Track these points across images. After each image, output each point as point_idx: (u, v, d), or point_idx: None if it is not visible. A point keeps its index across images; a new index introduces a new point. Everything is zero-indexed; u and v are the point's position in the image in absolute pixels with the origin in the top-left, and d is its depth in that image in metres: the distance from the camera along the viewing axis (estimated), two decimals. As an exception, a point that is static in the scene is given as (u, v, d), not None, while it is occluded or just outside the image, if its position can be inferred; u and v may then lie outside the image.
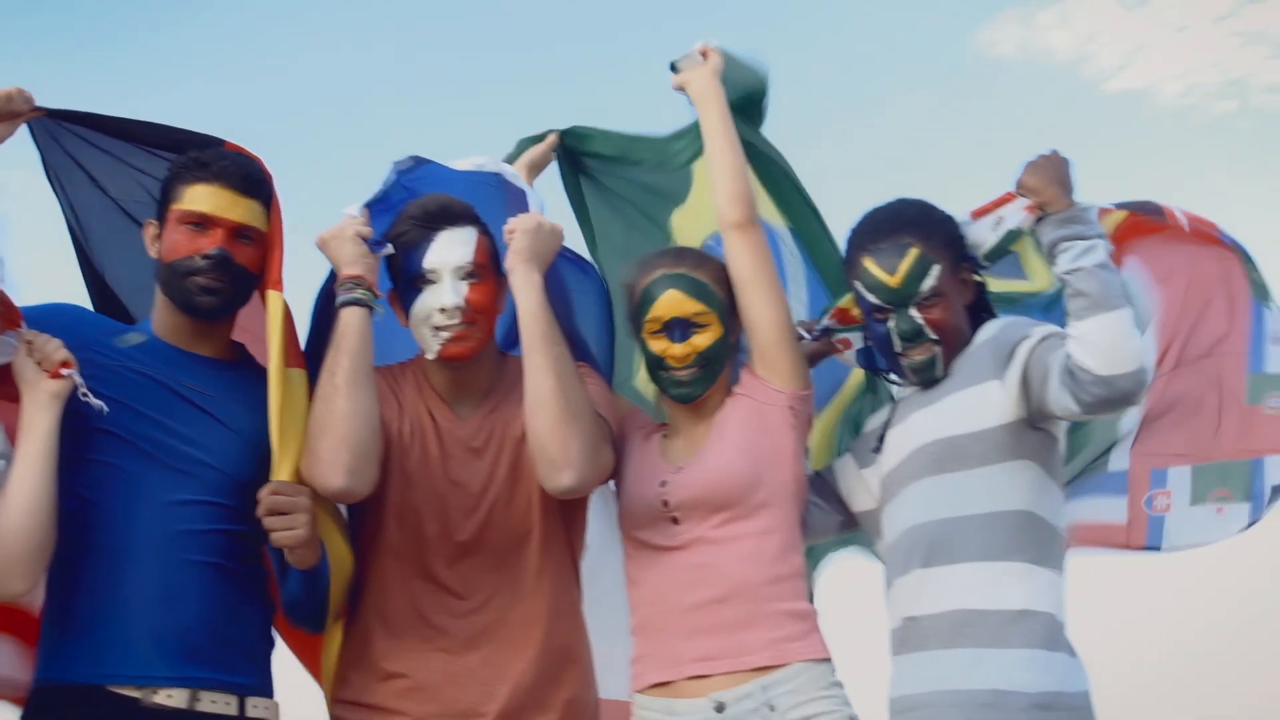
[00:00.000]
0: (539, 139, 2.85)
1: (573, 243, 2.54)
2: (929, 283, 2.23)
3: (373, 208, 2.40)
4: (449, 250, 2.32)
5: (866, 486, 2.38)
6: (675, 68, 2.59)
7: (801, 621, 2.24)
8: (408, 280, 2.35)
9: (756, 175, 2.59)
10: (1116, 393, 2.00)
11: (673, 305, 2.32)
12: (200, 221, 2.23)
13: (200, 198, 2.23)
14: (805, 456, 2.38)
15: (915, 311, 2.24)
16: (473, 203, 2.39)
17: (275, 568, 2.36)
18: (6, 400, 2.14)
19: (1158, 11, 8.36)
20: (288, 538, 2.14)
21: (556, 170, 2.92)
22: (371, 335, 2.25)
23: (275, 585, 2.35)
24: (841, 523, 2.46)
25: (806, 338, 2.48)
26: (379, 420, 2.24)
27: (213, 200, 2.23)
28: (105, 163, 2.47)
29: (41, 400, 2.07)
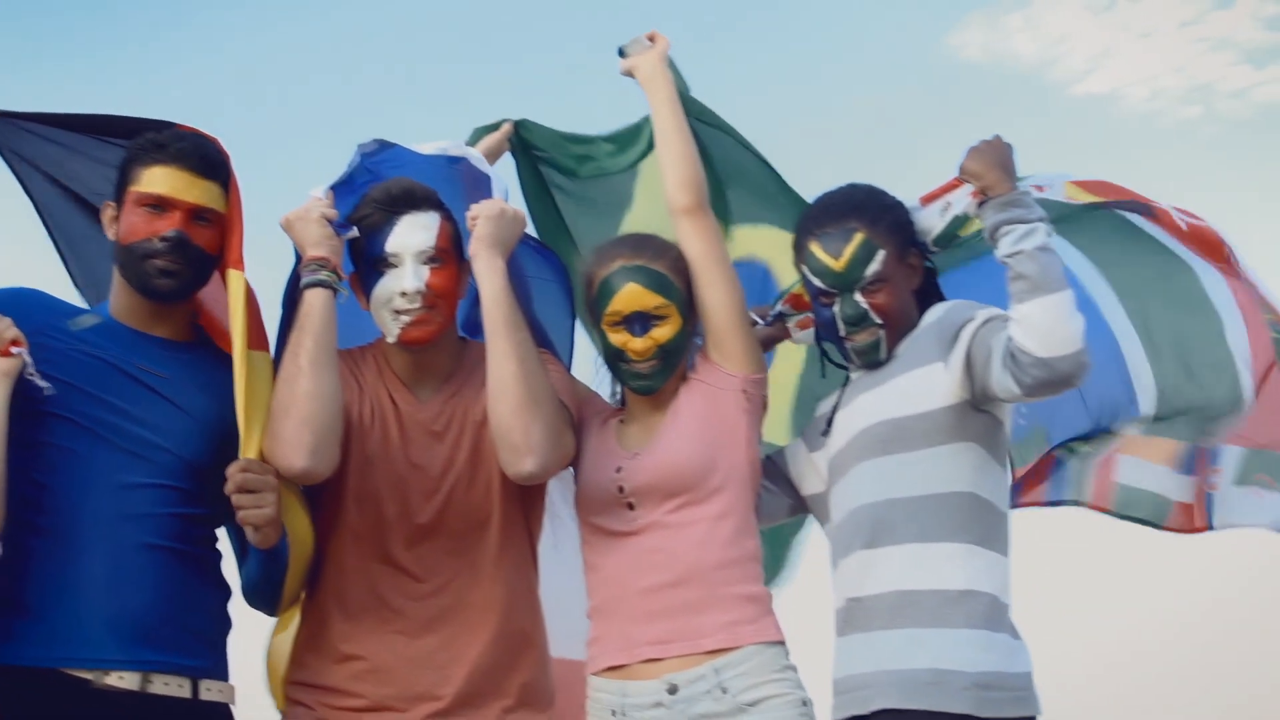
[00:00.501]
0: (494, 128, 2.86)
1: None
2: (874, 268, 2.26)
3: (337, 190, 2.40)
4: (411, 234, 2.32)
5: (816, 469, 2.40)
6: (623, 53, 2.59)
7: (755, 605, 2.26)
8: (369, 264, 2.35)
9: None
10: (1056, 375, 2.02)
11: (633, 299, 2.31)
12: (158, 203, 2.23)
13: (158, 179, 2.22)
14: (759, 440, 2.39)
15: (860, 296, 2.26)
16: (435, 187, 2.40)
17: (234, 549, 2.37)
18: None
19: (1124, 16, 8.44)
20: (256, 515, 2.13)
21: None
22: (335, 317, 2.26)
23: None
24: (791, 506, 2.48)
25: (760, 323, 2.50)
26: (342, 402, 2.24)
27: (170, 182, 2.22)
28: (59, 155, 2.47)
29: None
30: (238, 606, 2.33)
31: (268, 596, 2.32)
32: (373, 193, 2.37)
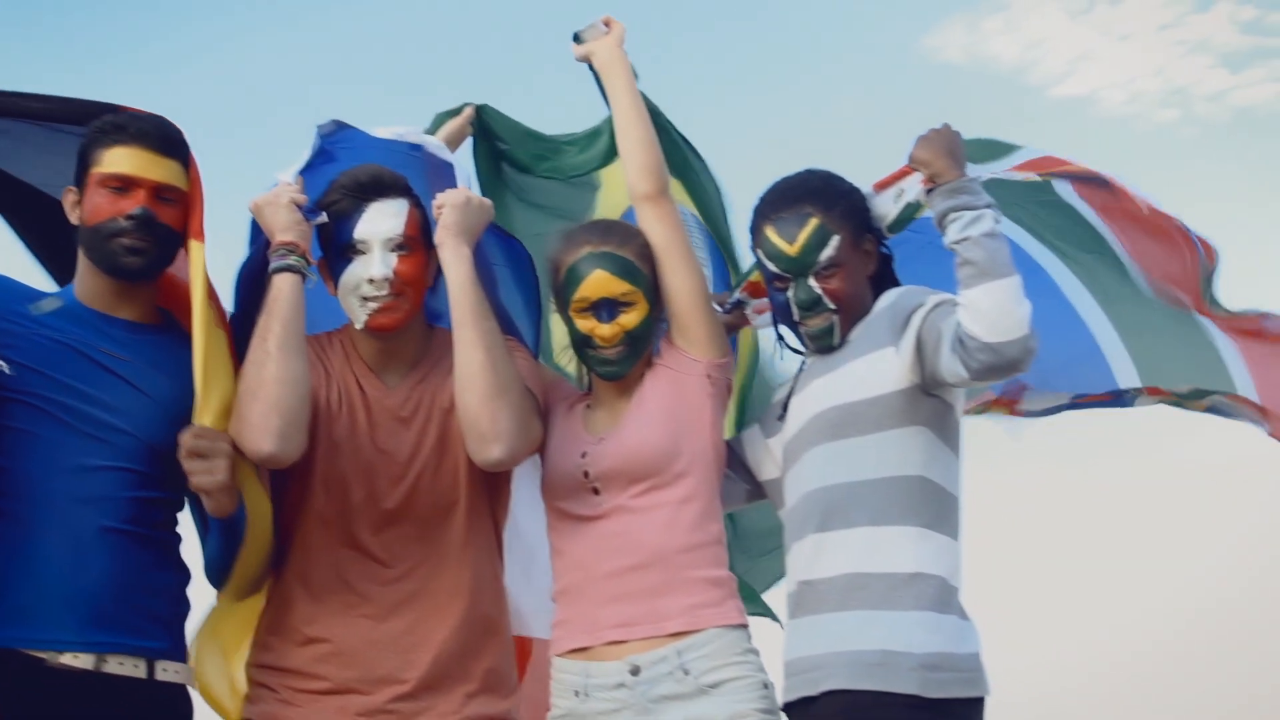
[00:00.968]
0: (456, 112, 2.86)
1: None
2: (827, 253, 2.27)
3: (304, 175, 2.41)
4: (379, 221, 2.33)
5: (772, 455, 2.42)
6: (579, 38, 2.57)
7: (718, 588, 2.27)
8: (337, 250, 2.36)
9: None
10: (1003, 359, 2.04)
11: (600, 286, 2.32)
12: (121, 183, 2.23)
13: (120, 159, 2.22)
14: (723, 424, 2.40)
15: (814, 281, 2.27)
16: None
17: (197, 528, 2.37)
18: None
19: (1103, 19, 8.45)
20: (207, 481, 2.13)
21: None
22: (304, 302, 2.26)
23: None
24: (749, 492, 2.49)
25: (719, 310, 2.50)
26: (309, 387, 2.25)
27: (133, 161, 2.22)
28: (7, 145, 2.43)
29: None
30: (199, 588, 2.33)
31: (225, 570, 2.31)
32: (342, 178, 2.38)
